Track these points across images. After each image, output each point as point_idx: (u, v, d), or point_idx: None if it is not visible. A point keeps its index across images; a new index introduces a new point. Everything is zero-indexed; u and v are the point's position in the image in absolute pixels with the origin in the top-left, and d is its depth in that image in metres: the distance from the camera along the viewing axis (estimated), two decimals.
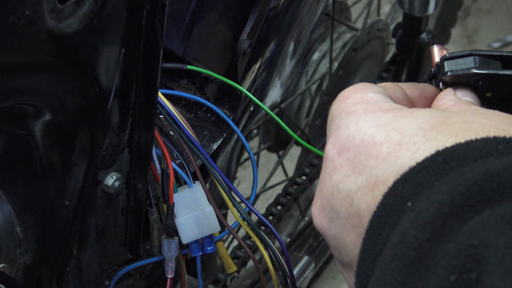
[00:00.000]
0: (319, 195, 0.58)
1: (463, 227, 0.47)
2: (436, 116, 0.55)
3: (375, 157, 0.54)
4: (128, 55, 0.77)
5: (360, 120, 0.57)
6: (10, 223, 0.84)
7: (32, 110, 0.77)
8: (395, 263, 0.48)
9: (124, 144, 0.84)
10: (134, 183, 0.87)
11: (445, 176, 0.50)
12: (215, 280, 1.26)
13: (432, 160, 0.51)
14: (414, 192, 0.51)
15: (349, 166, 0.56)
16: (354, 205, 0.55)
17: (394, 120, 0.55)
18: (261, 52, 1.04)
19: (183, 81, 1.01)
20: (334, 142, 0.57)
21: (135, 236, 0.92)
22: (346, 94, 0.61)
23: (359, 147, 0.55)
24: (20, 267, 0.85)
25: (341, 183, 0.56)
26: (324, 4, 1.11)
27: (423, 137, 0.53)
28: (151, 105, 0.81)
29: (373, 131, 0.55)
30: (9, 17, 0.64)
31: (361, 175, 0.55)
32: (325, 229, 0.58)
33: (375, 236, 0.52)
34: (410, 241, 0.48)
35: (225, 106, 1.00)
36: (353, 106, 0.58)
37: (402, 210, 0.51)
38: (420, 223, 0.49)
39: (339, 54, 1.66)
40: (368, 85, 0.61)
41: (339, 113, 0.59)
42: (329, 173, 0.57)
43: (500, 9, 2.54)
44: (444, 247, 0.47)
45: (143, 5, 0.75)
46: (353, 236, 0.55)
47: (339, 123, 0.58)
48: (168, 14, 0.76)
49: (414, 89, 0.65)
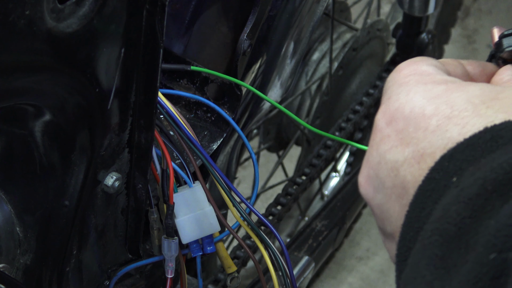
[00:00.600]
0: (366, 164, 0.59)
1: (505, 205, 0.47)
2: (488, 90, 0.55)
3: (424, 130, 0.54)
4: (128, 55, 0.77)
5: (411, 92, 0.57)
6: (10, 223, 0.84)
7: (32, 110, 0.77)
8: (436, 237, 0.49)
9: (124, 144, 0.84)
10: (134, 183, 0.87)
11: (492, 153, 0.50)
12: (215, 280, 1.26)
13: (479, 137, 0.51)
14: (460, 168, 0.51)
15: (397, 137, 0.56)
16: (399, 176, 0.55)
17: (445, 93, 0.55)
18: (261, 52, 1.04)
19: (183, 81, 1.01)
20: (384, 112, 0.57)
21: (135, 236, 0.92)
22: (402, 66, 0.60)
23: (408, 118, 0.55)
24: (20, 267, 0.85)
25: (388, 153, 0.56)
26: (324, 4, 1.11)
27: (473, 112, 0.53)
28: (151, 105, 0.81)
29: (423, 103, 0.55)
30: (9, 17, 0.64)
31: (409, 147, 0.55)
32: (370, 198, 0.58)
33: (418, 209, 0.52)
34: (452, 216, 0.49)
35: (225, 106, 1.00)
36: (406, 77, 0.58)
37: (447, 185, 0.51)
38: (463, 199, 0.49)
39: (339, 54, 1.66)
40: (425, 58, 0.61)
41: (392, 84, 0.59)
42: (377, 142, 0.57)
43: (500, 9, 2.54)
44: (485, 224, 0.47)
45: (143, 5, 0.75)
46: (397, 207, 0.55)
47: (391, 94, 0.58)
48: (168, 14, 0.76)
49: (475, 66, 0.64)
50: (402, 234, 0.53)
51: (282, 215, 1.40)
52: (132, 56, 0.78)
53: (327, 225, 1.53)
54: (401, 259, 0.53)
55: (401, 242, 0.53)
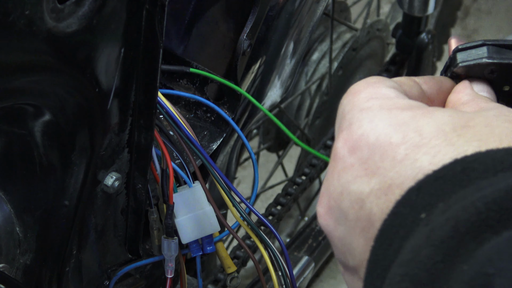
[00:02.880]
0: (326, 194, 0.55)
1: (479, 248, 0.45)
2: (457, 117, 0.52)
3: (391, 159, 0.51)
4: (128, 55, 0.77)
5: (376, 118, 0.53)
6: (10, 223, 0.84)
7: (32, 110, 0.77)
8: (406, 284, 0.46)
9: (124, 144, 0.84)
10: (134, 183, 0.87)
11: (464, 188, 0.47)
12: (215, 280, 1.26)
13: (449, 169, 0.48)
14: (428, 203, 0.48)
15: (361, 166, 0.52)
16: (365, 209, 0.52)
17: (413, 120, 0.52)
18: (261, 52, 1.04)
19: (182, 81, 1.01)
20: (345, 140, 0.54)
21: (135, 236, 0.92)
22: (358, 89, 0.57)
23: (373, 146, 0.52)
24: (20, 267, 0.85)
25: (352, 184, 0.53)
26: (324, 4, 1.11)
27: (444, 140, 0.50)
28: (151, 105, 0.81)
29: (389, 130, 0.52)
30: (9, 17, 0.64)
31: (375, 177, 0.51)
32: (331, 230, 0.55)
33: (385, 246, 0.49)
34: (423, 261, 0.46)
35: (225, 106, 1.00)
36: (366, 102, 0.55)
37: (415, 221, 0.48)
38: (434, 241, 0.46)
39: (339, 54, 1.66)
40: (381, 79, 0.58)
41: (351, 109, 0.55)
42: (338, 171, 0.54)
43: (500, 9, 2.54)
44: (458, 269, 0.44)
45: (143, 5, 0.75)
46: (361, 240, 0.52)
47: (351, 120, 0.54)
48: (168, 14, 0.76)
49: (432, 84, 0.61)
50: (369, 271, 0.50)
51: (282, 215, 1.40)
52: (132, 56, 0.78)
53: None
54: None
55: (368, 279, 0.50)
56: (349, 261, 0.54)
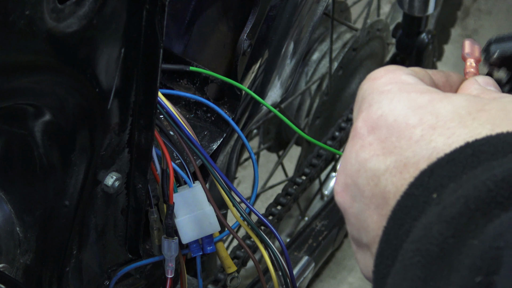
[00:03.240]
0: (343, 171, 0.57)
1: (489, 224, 0.46)
2: (473, 101, 0.54)
3: (408, 139, 0.53)
4: (128, 55, 0.77)
5: (394, 100, 0.55)
6: (10, 223, 0.84)
7: (32, 110, 0.77)
8: (418, 258, 0.47)
9: (124, 144, 0.84)
10: (134, 183, 0.87)
11: (473, 169, 0.49)
12: (215, 280, 1.26)
13: (461, 152, 0.50)
14: (440, 184, 0.50)
15: (379, 145, 0.54)
16: (380, 186, 0.54)
17: (430, 103, 0.54)
18: (261, 52, 1.04)
19: (183, 81, 1.01)
20: (365, 120, 0.56)
21: (135, 236, 0.92)
22: (378, 75, 0.59)
23: (391, 127, 0.54)
24: (20, 267, 0.85)
25: (369, 161, 0.55)
26: (324, 4, 1.11)
27: (459, 123, 0.52)
28: (151, 105, 0.81)
29: (407, 112, 0.54)
30: (9, 17, 0.64)
31: (391, 156, 0.53)
32: (347, 207, 0.57)
33: (397, 226, 0.51)
34: (434, 236, 0.47)
35: (225, 106, 1.00)
36: (386, 85, 0.57)
37: (427, 201, 0.50)
38: (445, 218, 0.48)
39: (339, 54, 1.66)
40: (399, 67, 0.60)
41: (371, 92, 0.57)
42: (356, 150, 0.56)
43: (500, 9, 2.54)
44: (469, 244, 0.46)
45: (143, 5, 0.75)
46: (375, 216, 0.54)
47: (371, 101, 0.56)
48: (168, 14, 0.76)
49: (439, 76, 0.63)
50: (380, 251, 0.52)
51: (282, 215, 1.40)
52: (132, 56, 0.78)
53: (327, 225, 1.53)
54: (378, 276, 0.52)
55: (379, 259, 0.52)
56: (362, 238, 0.56)
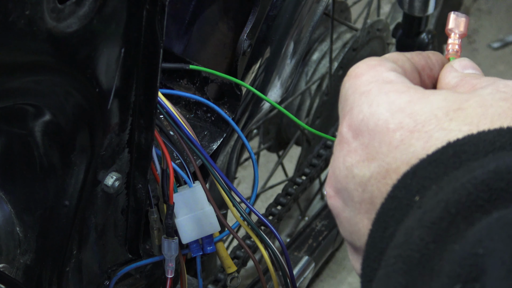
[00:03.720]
0: (333, 176, 0.58)
1: (470, 228, 0.46)
2: (451, 100, 0.53)
3: (388, 144, 0.53)
4: (128, 55, 0.77)
5: (374, 103, 0.55)
6: (10, 223, 0.84)
7: (32, 110, 0.77)
8: (399, 265, 0.48)
9: (124, 144, 0.84)
10: (134, 183, 0.87)
11: (455, 170, 0.49)
12: (215, 280, 1.26)
13: (442, 153, 0.50)
14: (422, 186, 0.50)
15: (363, 151, 0.55)
16: (367, 191, 0.54)
17: (408, 105, 0.54)
18: (261, 52, 1.04)
19: (183, 81, 1.01)
20: (349, 124, 0.56)
21: (135, 236, 0.92)
22: (359, 71, 0.58)
23: (373, 132, 0.55)
24: (20, 267, 0.85)
25: (355, 168, 0.55)
26: (324, 4, 1.11)
27: (436, 125, 0.52)
28: (151, 105, 0.81)
29: (387, 116, 0.54)
30: (9, 17, 0.64)
31: (374, 162, 0.54)
32: (340, 211, 0.58)
33: (381, 229, 0.51)
34: (415, 242, 0.47)
35: (225, 106, 1.00)
36: (367, 85, 0.57)
37: (409, 204, 0.50)
38: (426, 223, 0.48)
39: (339, 54, 1.66)
40: (381, 61, 0.59)
41: (352, 92, 0.57)
42: (343, 155, 0.56)
43: (500, 9, 2.54)
44: (450, 248, 0.46)
45: (143, 5, 0.75)
46: (365, 221, 0.55)
47: (353, 104, 0.57)
48: (168, 14, 0.76)
49: (418, 59, 0.63)
50: (366, 255, 0.52)
51: (282, 215, 1.40)
52: (132, 56, 0.78)
53: (327, 225, 1.53)
54: (366, 279, 0.52)
55: (365, 262, 0.52)
56: (355, 242, 0.57)
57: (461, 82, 0.60)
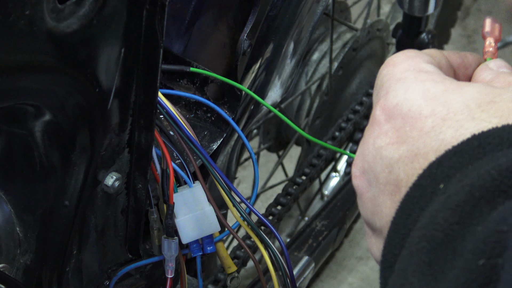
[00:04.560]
0: (361, 156, 0.59)
1: (493, 211, 0.47)
2: (485, 93, 0.55)
3: (419, 130, 0.55)
4: (128, 55, 0.77)
5: (410, 89, 0.57)
6: (10, 223, 0.84)
7: (32, 110, 0.77)
8: (423, 244, 0.49)
9: (124, 144, 0.84)
10: (134, 183, 0.87)
11: (479, 160, 0.51)
12: (215, 280, 1.26)
13: (467, 144, 0.52)
14: (447, 175, 0.51)
15: (394, 134, 0.56)
16: (393, 173, 0.56)
17: (443, 94, 0.56)
18: (261, 52, 1.04)
19: (183, 81, 1.01)
20: (383, 107, 0.58)
21: (135, 236, 0.92)
22: (397, 60, 0.60)
23: (405, 117, 0.56)
24: (20, 267, 0.85)
25: (384, 149, 0.57)
26: (324, 4, 1.11)
27: (468, 115, 0.53)
28: (151, 105, 0.81)
29: (420, 103, 0.56)
30: (9, 17, 0.64)
31: (404, 145, 0.55)
32: (364, 191, 0.59)
33: (405, 216, 0.52)
34: (439, 223, 0.49)
35: (225, 106, 1.00)
36: (404, 72, 0.59)
37: (434, 192, 0.51)
38: (450, 205, 0.49)
39: (339, 54, 1.66)
40: (419, 53, 0.61)
41: (389, 78, 0.59)
42: (374, 137, 0.58)
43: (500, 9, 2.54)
44: (473, 230, 0.47)
45: (143, 5, 0.75)
46: (389, 202, 0.56)
47: (389, 89, 0.58)
48: (168, 14, 0.76)
49: (455, 57, 0.65)
50: (388, 240, 0.53)
51: (282, 215, 1.40)
52: (132, 56, 0.78)
53: (327, 225, 1.53)
54: (386, 265, 0.53)
55: (387, 248, 0.53)
56: (376, 222, 0.58)
57: (496, 78, 0.61)
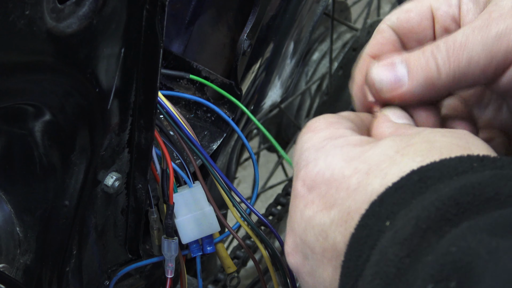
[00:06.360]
0: (291, 232, 0.58)
1: (441, 240, 0.47)
2: (398, 141, 0.56)
3: (346, 189, 0.55)
4: (128, 55, 0.77)
5: (329, 156, 0.57)
6: (10, 223, 0.84)
7: (32, 110, 0.77)
8: (377, 281, 0.49)
9: (124, 144, 0.84)
10: (134, 183, 0.87)
11: (422, 194, 0.51)
12: (215, 280, 1.26)
13: (407, 179, 0.52)
14: (391, 212, 0.51)
15: (321, 201, 0.56)
16: (329, 239, 0.55)
17: (362, 153, 0.56)
18: (261, 52, 1.04)
19: (183, 81, 1.01)
20: (303, 179, 0.58)
21: (135, 236, 0.92)
22: (319, 126, 0.61)
23: (329, 181, 0.56)
24: (20, 267, 0.85)
25: (314, 218, 0.56)
26: (324, 4, 1.11)
27: (390, 163, 0.54)
28: (151, 105, 0.81)
29: (342, 165, 0.56)
30: (9, 17, 0.64)
31: (334, 208, 0.55)
32: (300, 266, 0.58)
33: (355, 257, 0.52)
34: (390, 258, 0.49)
35: (225, 106, 1.00)
36: (322, 141, 0.59)
37: (381, 230, 0.51)
38: (399, 240, 0.49)
39: (339, 54, 1.66)
40: (340, 119, 0.62)
41: (308, 148, 0.59)
42: (300, 209, 0.57)
43: None
44: (424, 260, 0.47)
45: (143, 5, 0.75)
46: (330, 269, 0.55)
47: (308, 159, 0.58)
48: (168, 14, 0.76)
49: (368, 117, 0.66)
50: (341, 285, 0.53)
51: (282, 215, 1.40)
52: (132, 56, 0.78)
53: None
54: None
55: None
56: None
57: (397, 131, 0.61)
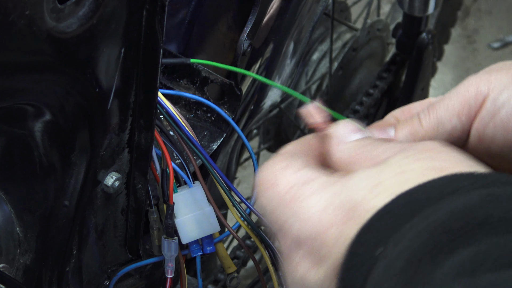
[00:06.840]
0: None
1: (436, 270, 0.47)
2: (366, 179, 0.54)
3: (327, 243, 0.54)
4: (128, 55, 0.77)
5: (303, 209, 0.56)
6: (10, 223, 0.84)
7: (32, 110, 0.77)
8: None
9: (124, 144, 0.84)
10: (134, 183, 0.87)
11: (410, 219, 0.50)
12: (215, 280, 1.26)
13: (394, 204, 0.51)
14: (380, 240, 0.50)
15: (308, 259, 0.55)
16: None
17: (334, 198, 0.55)
18: (261, 52, 1.04)
19: (183, 81, 1.01)
20: (285, 240, 0.57)
21: (135, 236, 0.92)
22: (272, 180, 0.59)
23: (311, 237, 0.55)
24: (20, 267, 0.85)
25: (305, 279, 0.56)
26: (324, 4, 1.11)
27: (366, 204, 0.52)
28: (151, 105, 0.81)
29: (319, 218, 0.55)
30: (9, 17, 0.64)
31: (322, 265, 0.54)
32: None
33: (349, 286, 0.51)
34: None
35: (225, 106, 1.00)
36: (287, 193, 0.57)
37: (373, 257, 0.50)
38: (394, 273, 0.48)
39: (339, 54, 1.66)
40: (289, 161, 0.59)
41: (276, 205, 0.57)
42: (291, 272, 0.57)
43: (500, 9, 2.54)
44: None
45: (143, 5, 0.75)
46: None
47: (282, 217, 0.57)
48: (168, 14, 0.76)
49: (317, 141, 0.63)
50: None
51: None
52: (132, 56, 0.78)
53: None
54: None
55: None
56: None
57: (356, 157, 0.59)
